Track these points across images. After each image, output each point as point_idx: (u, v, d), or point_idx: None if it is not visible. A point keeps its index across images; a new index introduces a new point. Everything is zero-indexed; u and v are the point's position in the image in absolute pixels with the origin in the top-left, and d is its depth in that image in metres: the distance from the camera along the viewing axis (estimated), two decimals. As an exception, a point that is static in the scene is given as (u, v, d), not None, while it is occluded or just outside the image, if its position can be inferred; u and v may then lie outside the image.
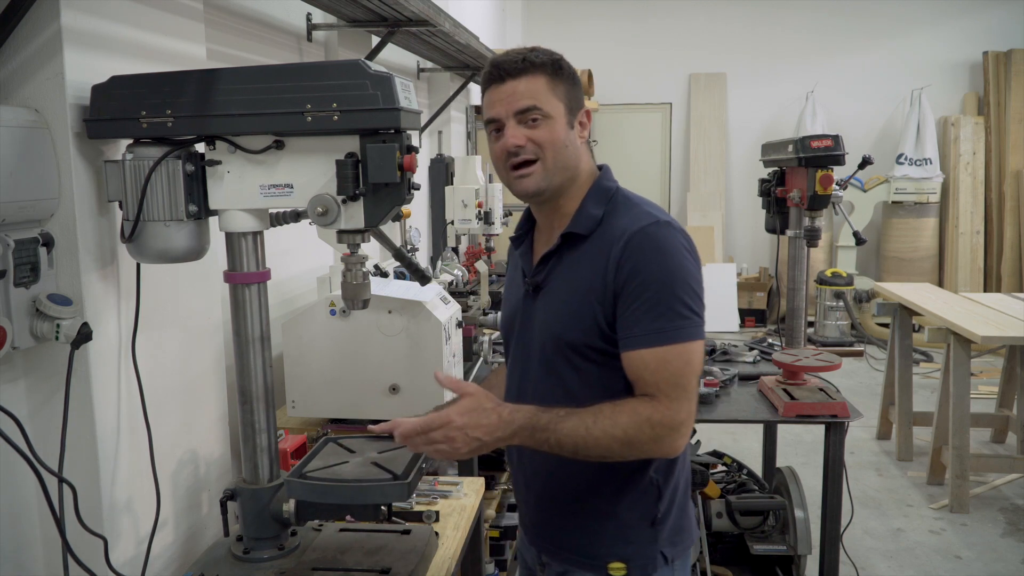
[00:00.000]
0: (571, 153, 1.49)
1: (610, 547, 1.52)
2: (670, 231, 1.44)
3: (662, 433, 1.38)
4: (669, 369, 1.39)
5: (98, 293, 1.53)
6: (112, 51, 1.56)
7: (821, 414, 2.71)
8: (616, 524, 1.52)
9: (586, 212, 1.50)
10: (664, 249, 1.42)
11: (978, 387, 5.70)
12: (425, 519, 1.90)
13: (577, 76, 1.53)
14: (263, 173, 1.49)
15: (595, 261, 1.45)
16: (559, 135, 1.47)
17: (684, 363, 1.40)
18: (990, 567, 3.58)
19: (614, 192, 1.53)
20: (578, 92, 1.52)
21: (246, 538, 1.63)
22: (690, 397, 1.41)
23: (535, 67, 1.46)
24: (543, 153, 1.47)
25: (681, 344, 1.40)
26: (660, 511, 1.52)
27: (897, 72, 8.34)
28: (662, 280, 1.40)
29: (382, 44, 3.23)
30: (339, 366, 2.32)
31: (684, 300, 1.41)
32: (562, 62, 1.50)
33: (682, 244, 1.44)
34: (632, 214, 1.47)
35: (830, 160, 2.93)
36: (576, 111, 1.51)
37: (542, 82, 1.46)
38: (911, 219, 7.98)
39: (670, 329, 1.39)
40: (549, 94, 1.46)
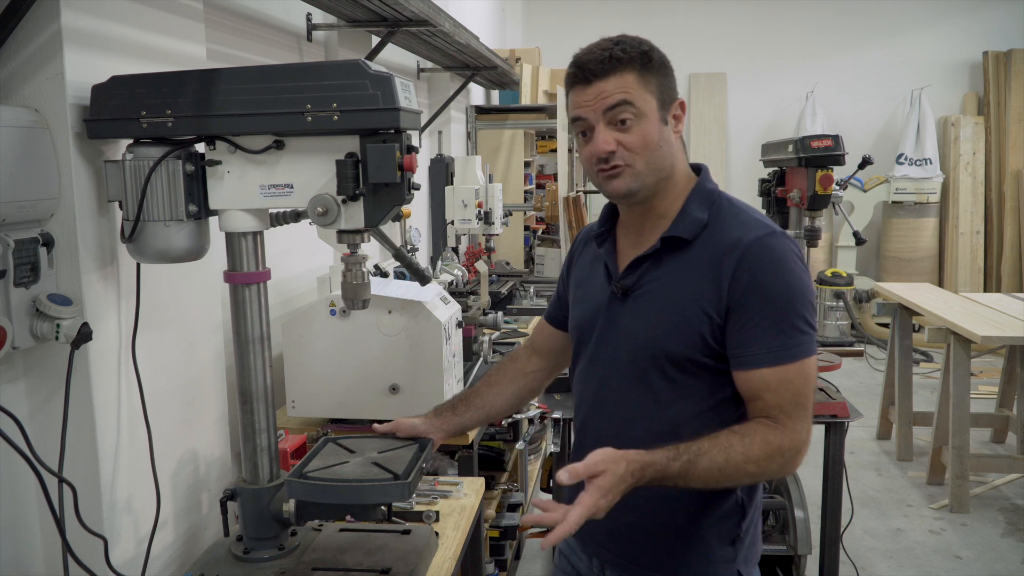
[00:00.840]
0: (665, 152, 1.40)
1: (688, 565, 1.46)
2: (786, 242, 1.38)
3: (789, 457, 1.35)
4: (791, 388, 1.35)
5: (98, 293, 1.53)
6: (112, 51, 1.56)
7: (821, 414, 2.71)
8: (698, 544, 1.45)
9: (690, 215, 1.42)
10: (783, 262, 1.36)
11: (978, 387, 5.70)
12: (425, 519, 1.90)
13: (669, 65, 1.42)
14: (263, 173, 1.49)
15: (704, 270, 1.38)
16: (652, 135, 1.38)
17: (804, 380, 1.35)
18: (990, 567, 3.58)
19: (717, 195, 1.45)
20: (671, 82, 1.42)
21: (246, 538, 1.63)
22: (809, 415, 1.37)
23: (622, 63, 1.36)
24: (634, 157, 1.38)
25: (800, 361, 1.35)
26: (742, 531, 1.47)
27: (897, 72, 8.34)
28: (783, 296, 1.34)
29: (382, 44, 3.23)
30: (339, 366, 2.32)
31: (804, 315, 1.35)
32: (652, 52, 1.39)
33: (797, 255, 1.39)
34: (741, 221, 1.40)
35: (830, 160, 2.93)
36: (670, 104, 1.41)
37: (631, 79, 1.36)
38: (911, 219, 7.99)
39: (791, 347, 1.34)
40: (641, 90, 1.36)
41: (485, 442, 3.23)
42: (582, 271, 1.63)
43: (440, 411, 1.72)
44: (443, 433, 1.69)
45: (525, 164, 6.38)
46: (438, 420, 1.69)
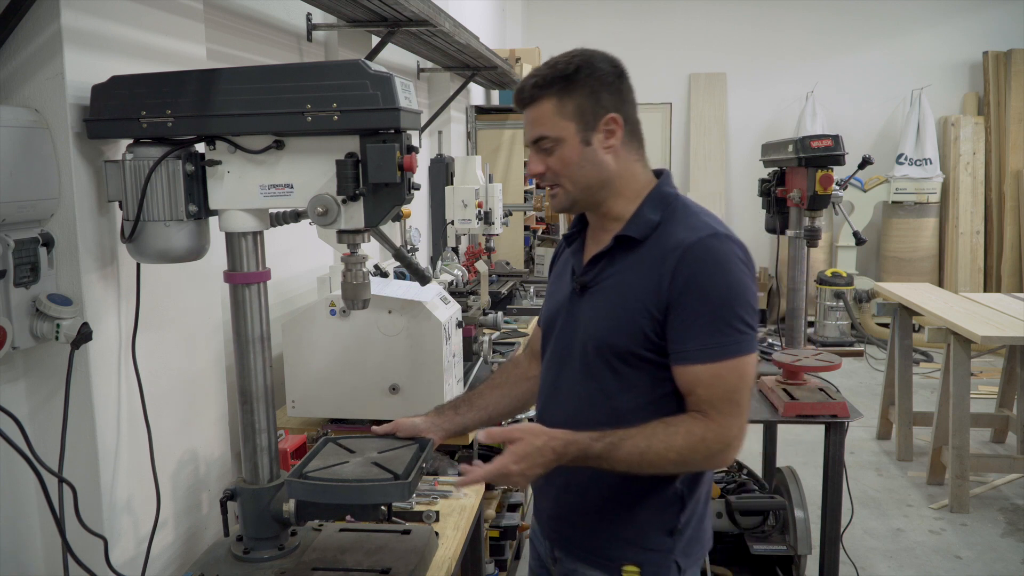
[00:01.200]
0: (589, 170, 1.48)
1: (625, 551, 1.52)
2: (728, 244, 1.44)
3: (715, 450, 1.40)
4: (723, 385, 1.40)
5: (98, 293, 1.53)
6: (112, 51, 1.56)
7: (821, 414, 2.71)
8: (635, 531, 1.52)
9: (643, 216, 1.49)
10: (722, 262, 1.41)
11: (978, 387, 5.70)
12: (425, 519, 1.90)
13: (603, 78, 1.47)
14: (263, 173, 1.49)
15: (650, 269, 1.44)
16: (571, 158, 1.47)
17: (738, 378, 1.40)
18: (990, 567, 3.58)
19: (673, 198, 1.52)
20: (598, 99, 1.47)
21: (246, 538, 1.63)
22: (742, 412, 1.42)
23: (542, 90, 1.46)
24: (560, 178, 1.49)
25: (735, 359, 1.40)
26: (680, 522, 1.52)
27: (897, 72, 8.34)
28: (720, 295, 1.40)
29: (382, 44, 3.23)
30: (339, 366, 2.32)
31: (740, 315, 1.40)
32: (577, 73, 1.45)
33: (740, 257, 1.44)
34: (690, 223, 1.46)
35: (830, 160, 2.93)
36: (595, 122, 1.47)
37: (548, 108, 1.46)
38: (911, 219, 7.99)
39: (726, 344, 1.39)
40: (556, 118, 1.46)
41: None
42: (557, 269, 1.72)
43: (442, 410, 1.74)
44: (444, 432, 1.70)
45: (525, 164, 6.37)
46: (439, 419, 1.70)
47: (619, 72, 1.50)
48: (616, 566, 1.52)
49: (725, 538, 3.22)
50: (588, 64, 1.46)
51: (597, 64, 1.47)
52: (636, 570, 1.51)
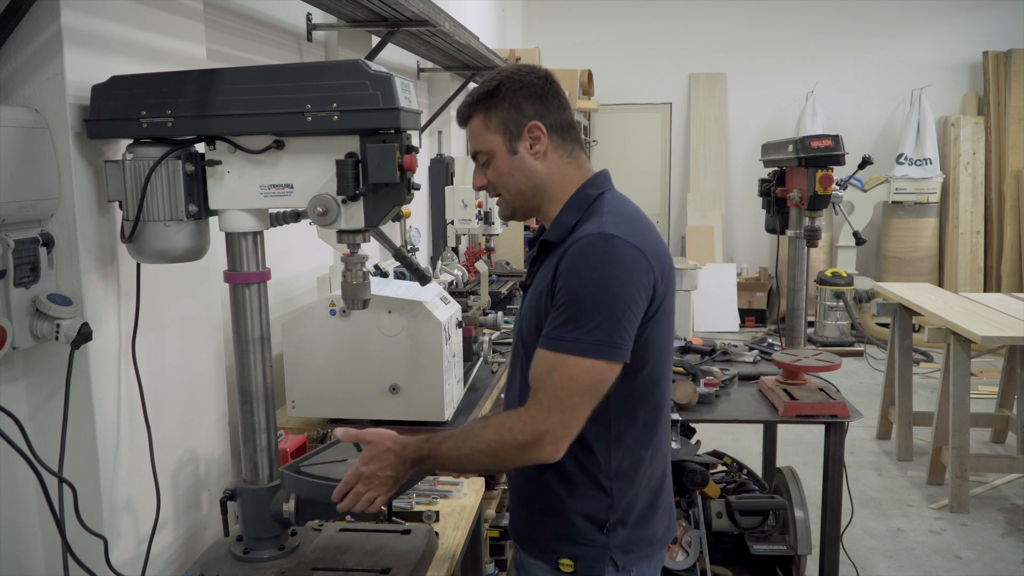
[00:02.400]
0: (520, 177, 1.55)
1: (560, 544, 1.55)
2: (611, 244, 1.40)
3: (524, 441, 1.40)
4: (553, 377, 1.40)
5: (98, 293, 1.53)
6: (112, 51, 1.56)
7: (821, 414, 2.71)
8: (567, 525, 1.54)
9: (560, 221, 1.53)
10: (593, 263, 1.40)
11: (978, 387, 5.70)
12: (425, 519, 1.90)
13: (525, 90, 1.52)
14: (263, 173, 1.49)
15: (552, 265, 1.48)
16: (502, 168, 1.55)
17: (568, 377, 1.39)
18: (990, 567, 3.58)
19: (595, 198, 1.53)
20: (519, 111, 1.52)
21: (246, 538, 1.63)
22: (564, 410, 1.39)
23: (471, 109, 1.55)
24: (499, 188, 1.58)
25: (573, 357, 1.38)
26: (611, 519, 1.52)
27: (897, 72, 8.34)
28: (578, 292, 1.39)
29: (382, 44, 3.23)
30: (339, 366, 2.32)
31: (597, 319, 1.38)
32: (498, 89, 1.52)
33: (618, 260, 1.40)
34: (593, 222, 1.46)
35: (830, 160, 2.94)
36: (517, 133, 1.52)
37: (477, 123, 1.55)
38: (911, 219, 7.99)
39: (567, 340, 1.39)
40: (484, 132, 1.54)
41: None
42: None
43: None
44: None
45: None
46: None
47: (544, 82, 1.55)
48: (554, 559, 1.55)
49: (725, 538, 3.22)
50: (509, 79, 1.53)
51: (519, 77, 1.53)
52: (570, 563, 1.54)
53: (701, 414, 2.77)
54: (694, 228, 8.37)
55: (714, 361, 3.27)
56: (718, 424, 2.85)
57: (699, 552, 2.95)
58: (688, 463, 2.79)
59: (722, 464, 3.35)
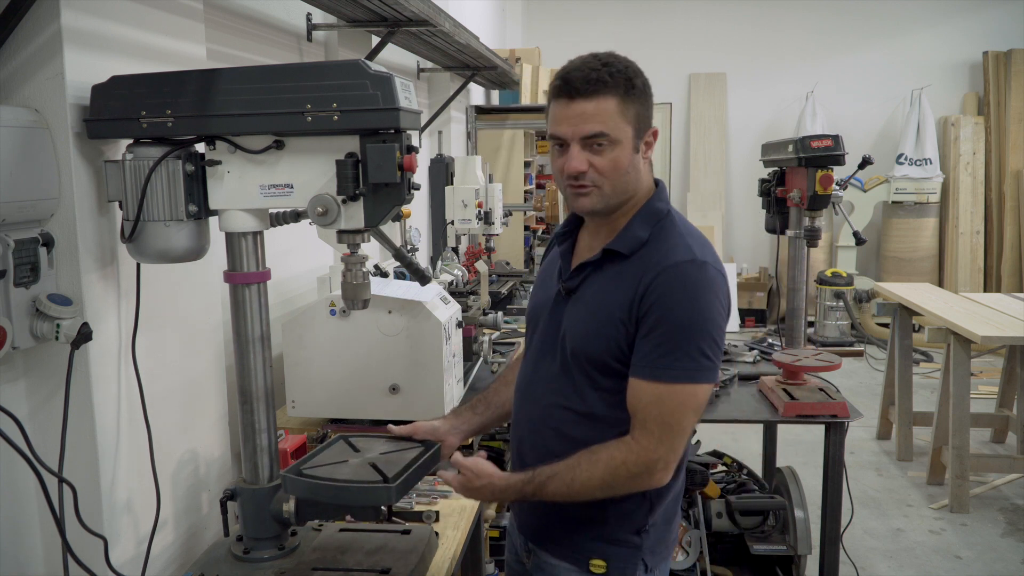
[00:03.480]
0: (632, 178, 1.49)
1: (593, 546, 1.55)
2: (704, 271, 1.43)
3: (638, 472, 1.43)
4: (661, 407, 1.41)
5: (98, 293, 1.53)
6: (112, 51, 1.56)
7: (821, 414, 2.71)
8: (603, 529, 1.54)
9: (632, 232, 1.50)
10: (692, 290, 1.41)
11: (978, 387, 5.70)
12: (425, 519, 1.90)
13: (650, 91, 1.49)
14: (263, 173, 1.49)
15: (629, 284, 1.46)
16: (623, 162, 1.45)
17: (678, 404, 1.41)
18: (990, 567, 3.58)
19: (664, 215, 1.52)
20: (649, 110, 1.49)
21: (246, 538, 1.63)
22: (674, 436, 1.43)
23: (607, 87, 1.41)
24: (603, 180, 1.46)
25: (680, 385, 1.41)
26: (648, 523, 1.55)
27: (897, 72, 8.34)
28: (682, 321, 1.40)
29: (382, 44, 3.23)
30: (339, 366, 2.32)
31: (699, 345, 1.41)
32: (636, 79, 1.45)
33: (713, 287, 1.43)
34: (672, 244, 1.46)
35: (830, 160, 2.94)
36: (644, 132, 1.48)
37: (612, 105, 1.42)
38: (911, 219, 7.99)
39: (675, 370, 1.40)
40: (619, 118, 1.43)
41: (486, 442, 3.22)
42: (547, 263, 1.73)
43: (459, 412, 1.78)
44: (462, 433, 1.73)
45: (525, 164, 6.38)
46: (457, 420, 1.74)
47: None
48: (584, 560, 1.55)
49: (725, 538, 3.22)
50: (641, 74, 1.47)
51: (644, 76, 1.48)
52: (603, 564, 1.54)
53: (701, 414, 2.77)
54: (694, 228, 8.36)
55: (714, 361, 3.27)
56: (718, 424, 2.85)
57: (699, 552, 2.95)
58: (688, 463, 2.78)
59: (722, 464, 3.35)
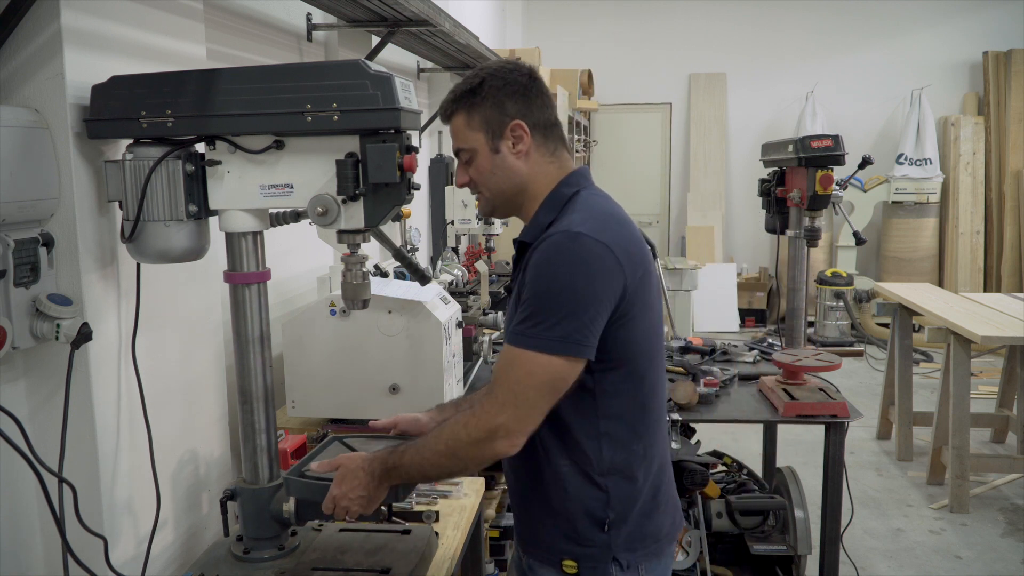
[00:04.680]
0: (501, 176, 1.53)
1: (562, 544, 1.54)
2: (575, 241, 1.40)
3: (478, 437, 1.40)
4: (510, 372, 1.41)
5: (98, 293, 1.53)
6: (112, 51, 1.56)
7: (821, 414, 2.71)
8: (567, 525, 1.53)
9: (536, 220, 1.53)
10: (558, 260, 1.39)
11: (978, 387, 5.70)
12: (425, 519, 1.90)
13: (508, 88, 1.50)
14: (263, 173, 1.49)
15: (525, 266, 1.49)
16: (483, 167, 1.53)
17: (526, 372, 1.39)
18: (990, 567, 3.58)
19: (570, 197, 1.52)
20: (501, 109, 1.50)
21: (246, 538, 1.63)
22: (519, 404, 1.39)
23: (454, 108, 1.53)
24: (480, 186, 1.56)
25: (531, 353, 1.38)
26: (610, 516, 1.51)
27: (897, 72, 8.34)
28: (541, 289, 1.40)
29: (382, 44, 3.23)
30: (339, 366, 2.32)
31: (556, 314, 1.38)
32: (480, 86, 1.50)
33: (585, 257, 1.39)
34: (563, 221, 1.46)
35: (830, 160, 2.94)
36: (499, 131, 1.50)
37: (460, 121, 1.53)
38: (911, 219, 7.99)
39: (528, 336, 1.39)
40: (467, 130, 1.52)
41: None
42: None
43: (443, 408, 1.77)
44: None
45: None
46: (440, 415, 1.71)
47: (528, 79, 1.53)
48: (557, 560, 1.55)
49: (725, 538, 3.22)
50: (492, 76, 1.51)
51: (502, 75, 1.51)
52: (574, 564, 1.53)
53: (701, 414, 2.77)
54: (694, 228, 8.37)
55: (714, 361, 3.27)
56: (718, 424, 2.85)
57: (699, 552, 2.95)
58: (688, 463, 2.78)
59: (722, 464, 3.35)
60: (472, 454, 1.42)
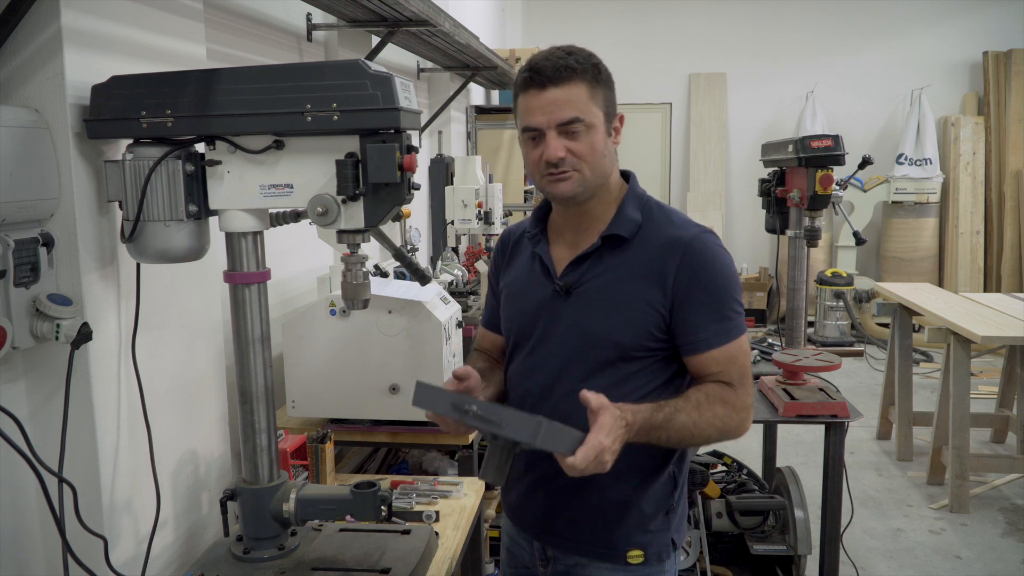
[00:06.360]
0: (608, 161, 1.53)
1: (629, 537, 1.56)
2: (715, 238, 1.55)
3: (744, 417, 1.52)
4: (736, 362, 1.51)
5: (98, 293, 1.53)
6: (112, 51, 1.56)
7: (821, 414, 2.71)
8: (637, 515, 1.56)
9: (627, 216, 1.55)
10: (718, 256, 1.52)
11: (978, 387, 5.70)
12: (425, 519, 1.90)
13: (612, 79, 1.54)
14: (263, 173, 1.49)
15: (646, 267, 1.51)
16: (599, 146, 1.49)
17: (744, 355, 1.53)
18: (990, 567, 3.58)
19: (647, 199, 1.60)
20: (614, 96, 1.54)
21: (246, 538, 1.63)
22: (751, 384, 1.56)
23: (576, 73, 1.45)
24: (582, 164, 1.48)
25: (739, 339, 1.52)
26: (674, 500, 1.60)
27: (897, 72, 8.34)
28: (721, 285, 1.50)
29: (382, 44, 3.23)
30: (339, 366, 2.32)
31: (737, 299, 1.53)
32: (601, 65, 1.51)
33: (725, 249, 1.55)
34: (675, 222, 1.55)
35: (830, 160, 2.94)
36: (613, 116, 1.54)
37: (583, 90, 1.46)
38: (911, 219, 7.99)
39: (731, 329, 1.50)
40: (590, 103, 1.47)
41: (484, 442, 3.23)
42: (515, 271, 1.69)
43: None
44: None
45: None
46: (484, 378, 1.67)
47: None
48: (621, 554, 1.56)
49: (725, 538, 3.22)
50: (603, 63, 1.53)
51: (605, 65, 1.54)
52: (640, 554, 1.56)
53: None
54: (694, 228, 8.35)
55: (714, 361, 3.27)
56: (718, 424, 2.84)
57: (699, 552, 2.95)
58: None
59: (722, 464, 3.35)
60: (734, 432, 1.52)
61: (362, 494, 1.59)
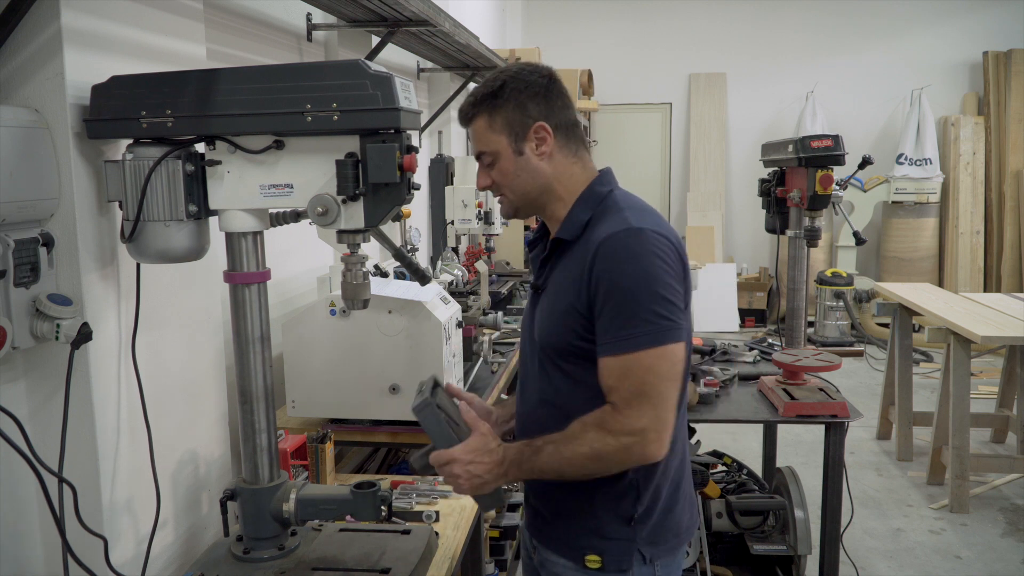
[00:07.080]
0: (526, 178, 1.55)
1: (587, 540, 1.55)
2: (641, 236, 1.43)
3: (627, 443, 1.40)
4: (630, 377, 1.40)
5: (98, 293, 1.53)
6: (112, 51, 1.56)
7: (821, 414, 2.71)
8: (594, 520, 1.54)
9: (573, 218, 1.54)
10: (630, 256, 1.41)
11: (978, 387, 5.70)
12: (425, 519, 1.90)
13: (529, 90, 1.52)
14: (263, 173, 1.49)
15: (575, 267, 1.48)
16: (507, 169, 1.55)
17: (646, 370, 1.39)
18: (990, 567, 3.58)
19: (605, 195, 1.55)
20: (523, 112, 1.52)
21: (246, 538, 1.63)
22: (654, 403, 1.40)
23: (474, 111, 1.55)
24: (503, 188, 1.58)
25: (644, 351, 1.39)
26: (638, 511, 1.53)
27: (897, 72, 8.34)
28: (626, 287, 1.40)
29: (382, 44, 3.23)
30: (339, 366, 2.32)
31: (652, 308, 1.39)
32: (501, 89, 1.52)
33: (653, 250, 1.42)
34: (612, 220, 1.48)
35: (830, 160, 2.93)
36: (523, 133, 1.52)
37: (482, 124, 1.54)
38: (911, 219, 7.99)
39: (635, 336, 1.39)
40: (489, 133, 1.54)
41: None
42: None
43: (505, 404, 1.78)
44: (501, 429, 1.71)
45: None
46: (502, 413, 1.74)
47: (548, 81, 1.55)
48: (580, 555, 1.55)
49: (725, 538, 3.22)
50: (512, 79, 1.53)
51: (523, 77, 1.53)
52: (598, 559, 1.54)
53: (701, 414, 2.77)
54: (694, 228, 8.36)
55: (714, 361, 3.27)
56: (718, 424, 2.85)
57: (699, 552, 2.95)
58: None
59: (722, 464, 3.35)
60: (622, 459, 1.43)
61: (362, 494, 1.59)
